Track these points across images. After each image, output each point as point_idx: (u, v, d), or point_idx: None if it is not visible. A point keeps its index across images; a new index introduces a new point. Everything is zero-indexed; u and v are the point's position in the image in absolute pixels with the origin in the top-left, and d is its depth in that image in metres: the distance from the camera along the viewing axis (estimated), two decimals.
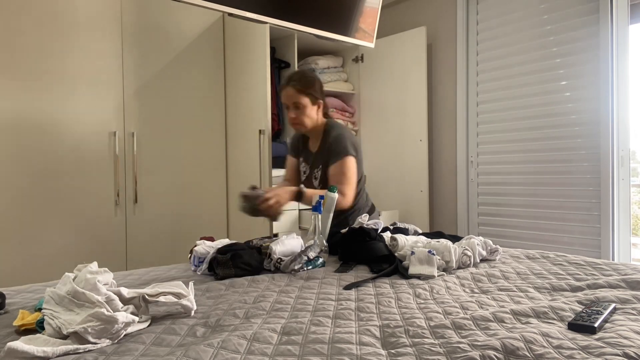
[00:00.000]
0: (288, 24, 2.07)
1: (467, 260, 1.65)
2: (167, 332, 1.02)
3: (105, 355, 0.90)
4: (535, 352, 0.88)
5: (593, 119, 2.66)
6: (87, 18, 2.59)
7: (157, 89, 2.85)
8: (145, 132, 2.81)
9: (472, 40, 3.20)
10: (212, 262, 1.60)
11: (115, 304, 1.01)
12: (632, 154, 2.58)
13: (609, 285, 1.35)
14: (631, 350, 0.88)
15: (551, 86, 2.83)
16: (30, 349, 0.86)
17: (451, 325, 1.04)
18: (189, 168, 2.98)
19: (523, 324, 1.06)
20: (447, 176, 3.37)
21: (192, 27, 3.00)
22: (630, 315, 1.10)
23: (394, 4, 3.66)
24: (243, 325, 1.07)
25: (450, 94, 3.33)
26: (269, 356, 0.90)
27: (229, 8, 1.85)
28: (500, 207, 3.08)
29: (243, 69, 2.97)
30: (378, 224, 1.98)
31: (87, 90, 2.59)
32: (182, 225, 2.95)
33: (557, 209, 2.81)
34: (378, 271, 1.56)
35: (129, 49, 2.74)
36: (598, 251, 2.63)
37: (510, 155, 3.02)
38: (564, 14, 2.77)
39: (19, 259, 2.40)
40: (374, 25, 2.44)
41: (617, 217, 2.58)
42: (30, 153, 2.42)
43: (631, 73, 2.53)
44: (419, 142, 3.23)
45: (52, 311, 1.00)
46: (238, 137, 3.03)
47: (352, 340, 0.96)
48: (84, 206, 2.59)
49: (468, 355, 0.87)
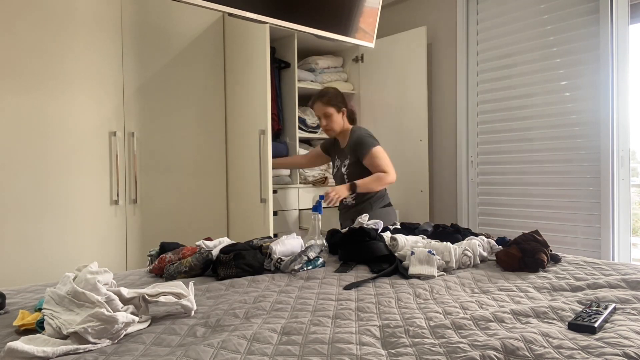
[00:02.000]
0: (288, 24, 2.07)
1: (467, 260, 1.65)
2: (167, 332, 1.02)
3: (105, 355, 0.90)
4: (535, 352, 0.88)
5: (593, 119, 2.66)
6: (87, 18, 2.59)
7: (157, 89, 2.85)
8: (145, 132, 2.81)
9: (472, 40, 3.20)
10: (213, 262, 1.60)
11: (115, 304, 1.01)
12: (632, 154, 2.58)
13: (609, 285, 1.35)
14: (631, 350, 0.88)
15: (551, 86, 2.83)
16: (30, 349, 0.87)
17: (451, 325, 1.04)
18: (189, 168, 2.99)
19: (523, 324, 1.06)
20: (447, 176, 3.37)
21: (192, 27, 3.00)
22: (630, 315, 1.10)
23: (394, 4, 3.66)
24: (243, 325, 1.07)
25: (450, 94, 3.33)
26: (269, 356, 0.90)
27: (229, 8, 1.85)
28: (500, 207, 3.08)
29: (243, 69, 2.97)
30: (378, 224, 1.99)
31: (87, 90, 2.59)
32: (182, 226, 2.95)
33: (557, 209, 2.81)
34: (378, 271, 1.56)
35: (129, 49, 2.74)
36: (598, 251, 2.63)
37: (510, 155, 3.02)
38: (564, 14, 2.77)
39: (19, 259, 2.40)
40: (374, 25, 2.44)
41: (617, 217, 2.58)
42: (30, 153, 2.42)
43: (631, 73, 2.53)
44: (419, 142, 3.23)
45: (52, 311, 1.00)
46: (238, 137, 3.03)
47: (352, 340, 0.96)
48: (84, 206, 2.59)
49: (468, 355, 0.87)
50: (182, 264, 1.56)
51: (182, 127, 2.95)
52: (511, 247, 1.63)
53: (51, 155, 2.48)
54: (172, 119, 2.91)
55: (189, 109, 2.99)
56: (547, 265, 1.60)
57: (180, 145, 2.94)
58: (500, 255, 1.63)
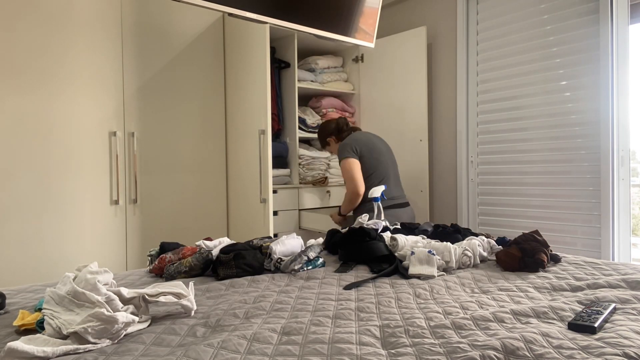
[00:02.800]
0: (288, 24, 2.07)
1: (467, 260, 1.65)
2: (167, 332, 1.02)
3: (105, 355, 0.90)
4: (535, 352, 0.88)
5: (593, 119, 2.66)
6: (87, 18, 2.59)
7: (157, 89, 2.85)
8: (145, 132, 2.81)
9: (472, 40, 3.20)
10: (213, 262, 1.60)
11: (115, 304, 1.01)
12: (632, 154, 2.58)
13: (609, 285, 1.35)
14: (631, 350, 0.88)
15: (551, 86, 2.83)
16: (30, 349, 0.87)
17: (451, 325, 1.04)
18: (189, 168, 2.99)
19: (523, 323, 1.06)
20: (447, 176, 3.37)
21: (192, 27, 3.00)
22: (630, 315, 1.10)
23: (394, 4, 3.66)
24: (243, 325, 1.07)
25: (450, 94, 3.33)
26: (269, 356, 0.90)
27: (229, 8, 1.85)
28: (500, 207, 3.08)
29: (243, 69, 2.97)
30: (378, 224, 1.99)
31: (87, 90, 2.59)
32: (182, 226, 2.95)
33: (557, 209, 2.81)
34: (378, 271, 1.56)
35: (129, 49, 2.74)
36: (598, 251, 2.63)
37: (510, 155, 3.02)
38: (564, 14, 2.77)
39: (19, 259, 2.40)
40: (374, 26, 2.44)
41: (617, 217, 2.58)
42: (30, 153, 2.42)
43: (631, 73, 2.53)
44: (419, 142, 3.23)
45: (52, 311, 1.00)
46: (238, 137, 3.03)
47: (352, 340, 0.96)
48: (84, 206, 2.59)
49: (468, 355, 0.87)
50: (182, 264, 1.56)
51: (182, 127, 2.95)
52: (511, 247, 1.63)
53: (51, 155, 2.48)
54: (172, 119, 2.91)
55: (189, 109, 2.99)
56: (547, 265, 1.60)
57: (180, 145, 2.94)
58: (500, 255, 1.63)
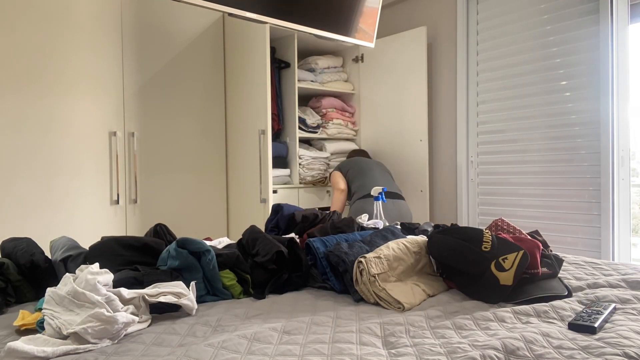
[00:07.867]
0: (288, 24, 2.07)
1: None
2: (167, 332, 1.02)
3: (105, 355, 0.90)
4: (536, 352, 0.88)
5: (593, 119, 2.66)
6: (87, 18, 2.59)
7: (157, 89, 2.85)
8: (145, 132, 2.81)
9: (472, 40, 3.20)
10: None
11: (115, 304, 1.01)
12: (632, 154, 2.58)
13: (609, 285, 1.35)
14: (631, 350, 0.88)
15: (551, 86, 2.83)
16: (31, 349, 0.86)
17: (451, 325, 1.04)
18: (189, 168, 2.99)
19: (523, 323, 1.06)
20: (447, 176, 3.37)
21: (192, 27, 3.00)
22: (631, 315, 1.10)
23: (394, 4, 3.66)
24: (243, 324, 1.06)
25: (450, 94, 3.33)
26: (269, 356, 0.90)
27: (229, 8, 1.85)
28: (500, 207, 3.08)
29: (243, 69, 2.97)
30: (377, 224, 1.99)
31: (87, 90, 2.59)
32: (182, 226, 2.95)
33: (557, 209, 2.81)
34: None
35: (129, 49, 2.74)
36: (598, 251, 2.63)
37: (510, 155, 3.02)
38: (564, 14, 2.77)
39: None
40: (374, 26, 2.44)
41: (617, 217, 2.58)
42: (30, 153, 2.42)
43: (631, 73, 2.53)
44: (419, 142, 3.23)
45: (52, 311, 0.99)
46: (238, 137, 3.03)
47: (353, 340, 0.96)
48: (84, 206, 2.59)
49: (468, 355, 0.87)
50: None
51: (182, 127, 2.95)
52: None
53: (51, 155, 2.48)
54: (172, 119, 2.91)
55: (189, 109, 2.99)
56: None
57: (180, 145, 2.94)
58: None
